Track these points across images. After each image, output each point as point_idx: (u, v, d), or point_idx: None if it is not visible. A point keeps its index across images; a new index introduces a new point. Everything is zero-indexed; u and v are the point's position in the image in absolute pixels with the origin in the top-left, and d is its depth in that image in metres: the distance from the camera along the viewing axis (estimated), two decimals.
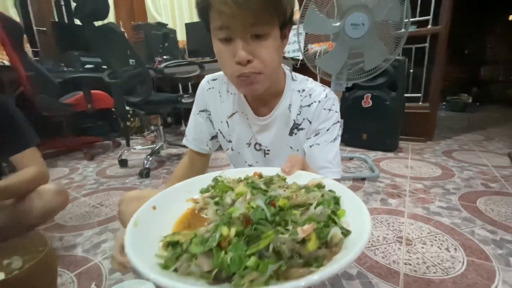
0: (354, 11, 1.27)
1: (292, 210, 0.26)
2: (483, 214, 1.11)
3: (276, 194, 0.27)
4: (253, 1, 0.41)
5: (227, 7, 0.41)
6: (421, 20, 2.16)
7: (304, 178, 0.35)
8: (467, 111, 4.23)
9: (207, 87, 0.67)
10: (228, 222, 0.24)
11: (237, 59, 0.46)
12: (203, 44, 2.76)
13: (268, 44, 0.47)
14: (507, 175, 1.52)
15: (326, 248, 0.23)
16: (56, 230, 1.11)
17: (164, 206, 0.31)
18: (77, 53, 2.59)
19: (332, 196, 0.29)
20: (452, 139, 2.44)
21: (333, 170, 0.57)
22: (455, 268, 0.80)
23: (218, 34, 0.47)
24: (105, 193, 1.47)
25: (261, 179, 0.33)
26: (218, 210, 0.28)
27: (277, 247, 0.21)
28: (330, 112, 0.59)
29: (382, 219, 1.09)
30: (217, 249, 0.22)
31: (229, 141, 0.68)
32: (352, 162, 1.86)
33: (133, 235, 0.25)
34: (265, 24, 0.46)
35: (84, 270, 0.85)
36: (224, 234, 0.22)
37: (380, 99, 2.00)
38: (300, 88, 0.62)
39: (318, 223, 0.24)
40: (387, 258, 0.86)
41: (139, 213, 0.29)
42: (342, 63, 1.38)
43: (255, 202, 0.25)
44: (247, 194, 0.27)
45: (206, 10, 0.47)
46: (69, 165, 2.06)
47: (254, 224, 0.23)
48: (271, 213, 0.24)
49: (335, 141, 0.59)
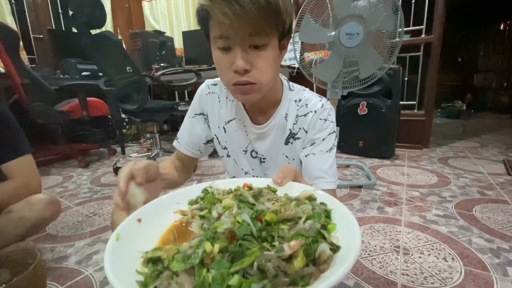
0: (348, 20, 1.28)
1: (280, 225, 0.25)
2: (479, 222, 1.10)
3: (263, 208, 0.26)
4: (251, 12, 0.41)
5: (226, 18, 0.41)
6: (414, 29, 2.20)
7: (296, 190, 0.34)
8: (462, 117, 4.29)
9: (207, 91, 0.66)
10: (213, 238, 0.23)
11: (234, 68, 0.47)
12: (200, 52, 2.78)
13: (266, 55, 0.48)
14: (503, 182, 1.52)
15: (314, 265, 0.22)
16: (47, 240, 1.08)
17: (150, 218, 0.30)
18: (73, 61, 2.59)
19: (323, 209, 0.28)
20: (448, 146, 2.46)
21: (328, 180, 0.57)
22: (453, 278, 0.79)
23: (217, 43, 0.48)
24: (99, 202, 1.45)
25: (251, 191, 0.32)
26: (203, 224, 0.27)
27: (262, 265, 0.20)
28: (326, 122, 0.59)
29: (379, 228, 1.08)
30: (199, 266, 0.21)
31: (225, 148, 0.68)
32: (349, 170, 1.86)
33: (114, 250, 0.24)
34: (264, 35, 0.46)
35: (75, 282, 0.83)
36: (208, 251, 0.21)
37: (375, 107, 2.02)
38: (297, 98, 0.62)
39: (307, 238, 0.23)
40: (385, 268, 0.85)
41: (123, 226, 0.28)
42: (337, 71, 1.39)
43: (241, 216, 0.24)
44: (233, 208, 0.26)
45: (206, 19, 0.47)
46: (62, 173, 2.03)
47: (239, 240, 0.22)
48: (257, 228, 0.23)
49: (331, 151, 0.59)
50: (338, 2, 1.30)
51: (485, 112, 4.90)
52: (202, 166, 2.08)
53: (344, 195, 1.43)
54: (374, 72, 1.38)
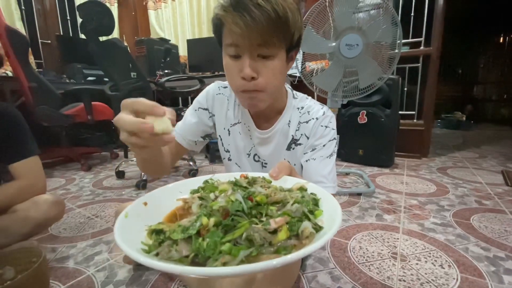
0: (348, 32, 1.33)
1: (269, 206, 0.28)
2: (476, 231, 1.11)
3: (255, 190, 0.29)
4: (262, 24, 0.44)
5: (237, 27, 0.45)
6: (413, 41, 2.25)
7: (290, 183, 0.37)
8: (461, 128, 4.32)
9: (217, 91, 0.69)
10: (209, 214, 0.26)
11: (242, 75, 0.50)
12: (203, 59, 2.84)
13: (272, 65, 0.51)
14: (500, 193, 1.54)
15: (297, 240, 0.24)
16: (50, 241, 1.10)
17: (155, 203, 0.33)
18: (80, 66, 2.65)
19: (312, 197, 0.30)
20: (447, 156, 2.48)
21: (327, 185, 0.59)
22: (449, 285, 0.80)
23: (228, 50, 0.51)
24: (101, 205, 1.47)
25: (246, 179, 0.35)
26: (201, 205, 0.29)
27: (250, 236, 0.23)
28: (327, 129, 0.62)
29: (377, 235, 1.09)
30: (196, 236, 0.24)
31: (227, 151, 0.70)
32: (348, 177, 1.88)
33: (123, 225, 0.27)
34: (272, 46, 0.49)
35: (76, 282, 0.84)
36: (204, 223, 0.24)
37: (375, 116, 2.05)
38: (300, 105, 0.65)
39: (292, 218, 0.26)
40: (382, 274, 0.86)
41: (131, 207, 0.30)
42: (337, 81, 1.43)
43: (234, 196, 0.27)
44: (228, 190, 0.29)
45: (219, 27, 0.51)
46: (65, 176, 2.05)
47: (232, 215, 0.25)
48: (248, 207, 0.26)
49: (331, 157, 0.61)
50: (338, 14, 1.35)
51: (485, 123, 4.93)
52: (202, 171, 2.10)
53: (344, 202, 1.45)
54: (373, 82, 1.41)
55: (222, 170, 2.10)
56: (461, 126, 4.35)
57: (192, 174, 1.95)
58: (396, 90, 2.01)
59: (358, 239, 1.06)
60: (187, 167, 2.15)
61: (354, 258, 0.95)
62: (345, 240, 1.06)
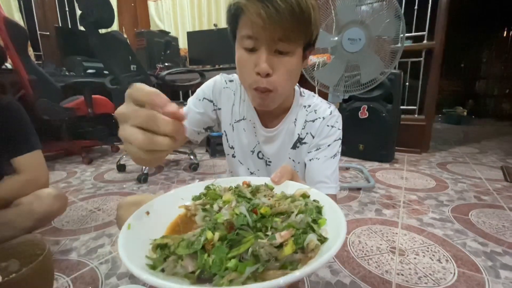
0: (351, 26, 1.31)
1: (273, 217, 0.28)
2: (475, 226, 1.13)
3: (259, 202, 0.29)
4: (285, 17, 0.42)
5: (260, 19, 0.42)
6: (417, 35, 2.23)
7: (292, 188, 0.36)
8: (462, 123, 4.31)
9: (224, 85, 0.66)
10: (213, 227, 0.26)
11: (257, 70, 0.48)
12: (204, 52, 2.81)
13: (289, 62, 0.49)
14: (499, 188, 1.55)
15: (303, 253, 0.24)
16: (53, 234, 1.11)
17: (157, 211, 0.33)
18: (79, 58, 2.63)
19: (315, 205, 0.30)
20: (447, 151, 2.48)
21: (329, 185, 0.58)
22: (446, 279, 0.82)
23: (245, 42, 0.48)
24: (103, 198, 1.48)
25: (249, 188, 0.35)
26: (206, 216, 0.29)
27: (256, 251, 0.23)
28: (333, 129, 0.61)
29: (376, 229, 1.11)
30: (201, 251, 0.24)
31: (231, 147, 0.68)
32: (349, 172, 1.89)
33: (126, 237, 0.27)
34: (291, 42, 0.47)
35: (80, 274, 0.85)
36: (209, 238, 0.24)
37: (376, 111, 2.04)
38: (307, 103, 0.64)
39: (297, 229, 0.26)
40: (380, 268, 0.87)
41: (133, 217, 0.30)
42: (339, 76, 1.42)
43: (239, 209, 0.27)
44: (232, 202, 0.29)
45: (236, 16, 0.48)
46: (66, 169, 2.06)
47: (237, 229, 0.25)
48: (252, 220, 0.26)
49: (335, 157, 0.60)
50: (341, 7, 1.33)
51: (486, 118, 4.91)
52: (203, 165, 2.11)
53: (343, 196, 1.46)
54: (375, 77, 1.40)
55: (223, 164, 2.11)
56: (462, 121, 4.34)
57: (193, 168, 1.96)
58: (398, 85, 2.00)
59: (358, 234, 1.08)
60: (188, 160, 2.15)
61: (353, 252, 0.96)
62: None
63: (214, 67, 2.70)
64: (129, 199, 0.68)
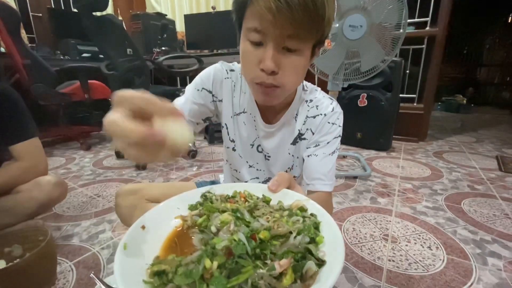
0: (353, 12, 1.28)
1: (272, 241, 0.28)
2: (466, 215, 1.16)
3: (258, 226, 0.29)
4: (297, 14, 0.39)
5: (269, 12, 0.39)
6: (419, 21, 2.18)
7: (290, 198, 0.37)
8: (461, 112, 4.31)
9: (225, 75, 0.62)
10: (212, 253, 0.26)
11: (262, 66, 0.45)
12: (202, 37, 2.75)
13: (297, 60, 0.46)
14: (493, 178, 1.57)
15: (301, 280, 0.25)
16: (54, 220, 1.13)
17: (153, 224, 0.33)
18: (74, 41, 2.56)
19: (313, 221, 0.31)
20: (444, 140, 2.50)
21: (326, 182, 0.59)
22: (435, 265, 0.85)
23: (251, 35, 0.45)
24: (102, 185, 1.50)
25: (246, 204, 0.34)
26: (203, 239, 0.29)
27: (255, 282, 0.23)
28: (333, 126, 0.60)
29: (371, 217, 1.14)
30: (200, 281, 0.24)
31: (232, 141, 0.67)
32: (345, 160, 1.91)
33: (122, 261, 0.26)
34: (301, 40, 0.44)
35: (83, 259, 0.88)
36: (207, 267, 0.24)
37: (375, 99, 2.03)
38: (309, 98, 0.62)
39: (296, 254, 0.26)
40: (373, 254, 0.90)
41: (129, 235, 0.30)
42: (339, 63, 1.40)
43: (238, 235, 0.27)
44: (230, 224, 0.29)
45: (244, 5, 0.45)
46: (65, 155, 2.07)
47: (236, 257, 0.25)
48: (251, 247, 0.26)
49: (333, 154, 0.60)
50: None
51: (485, 107, 4.90)
52: (201, 152, 2.12)
53: (340, 185, 1.48)
54: (376, 65, 1.39)
55: (221, 151, 2.12)
56: (461, 110, 4.34)
57: (191, 155, 1.97)
58: (398, 73, 1.98)
59: (352, 221, 1.11)
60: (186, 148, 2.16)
61: (347, 239, 0.99)
62: (340, 222, 1.10)
63: (212, 52, 2.64)
64: (127, 187, 0.68)
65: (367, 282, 0.79)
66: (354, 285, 0.78)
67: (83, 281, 0.79)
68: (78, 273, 0.82)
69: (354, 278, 0.80)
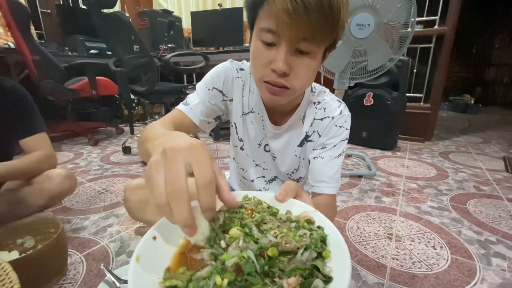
0: (360, 11, 1.28)
1: (280, 257, 0.29)
2: (471, 215, 1.16)
3: (266, 241, 0.30)
4: (314, 16, 0.39)
5: (286, 14, 0.39)
6: (428, 20, 2.15)
7: (297, 208, 0.37)
8: (469, 112, 4.26)
9: (235, 74, 0.62)
10: (221, 269, 0.27)
11: (274, 67, 0.45)
12: (208, 34, 2.75)
13: (309, 62, 0.46)
14: (499, 179, 1.56)
15: None
16: (64, 213, 1.16)
17: (164, 235, 0.33)
18: (82, 38, 2.60)
19: (320, 235, 0.31)
20: (451, 140, 2.48)
21: (331, 185, 0.59)
22: (439, 264, 0.86)
23: (264, 35, 0.45)
24: (110, 180, 1.52)
25: (253, 218, 0.35)
26: (212, 253, 0.30)
27: None
28: (341, 129, 0.60)
29: (375, 216, 1.14)
30: None
31: (240, 140, 0.68)
32: (351, 159, 1.91)
33: (136, 274, 0.27)
34: (315, 42, 0.44)
35: (92, 251, 0.90)
36: (218, 284, 0.25)
37: (381, 98, 2.02)
38: (317, 100, 0.62)
39: (303, 270, 0.27)
40: (376, 252, 0.91)
41: (141, 247, 0.31)
42: (345, 62, 1.40)
43: (247, 253, 0.28)
44: (239, 240, 0.30)
45: (258, 5, 0.44)
46: (73, 150, 2.10)
47: (245, 274, 0.26)
48: (260, 265, 0.27)
49: (339, 157, 0.60)
50: None
51: (493, 107, 4.83)
52: None
53: (344, 183, 1.49)
54: (383, 64, 1.38)
55: (226, 148, 2.14)
56: (469, 110, 4.28)
57: None
58: (405, 72, 1.96)
59: (356, 220, 1.11)
60: None
61: (351, 237, 1.00)
62: (344, 220, 1.11)
63: (218, 50, 2.65)
64: (136, 182, 0.70)
65: (371, 280, 0.79)
66: (358, 282, 0.79)
67: (93, 272, 0.81)
68: (88, 264, 0.84)
69: (358, 275, 0.81)
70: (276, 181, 0.72)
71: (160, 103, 2.08)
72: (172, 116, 0.59)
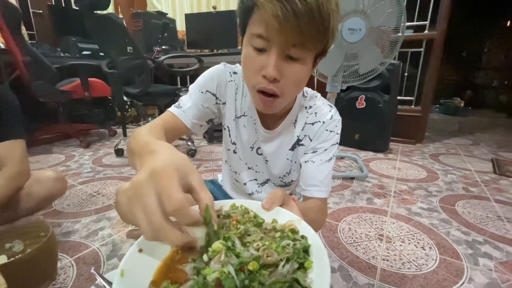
0: (352, 16, 1.30)
1: (261, 271, 0.29)
2: (460, 216, 1.18)
3: (248, 255, 0.30)
4: (303, 23, 0.39)
5: (276, 20, 0.39)
6: (418, 24, 2.20)
7: (283, 217, 0.38)
8: (459, 114, 4.35)
9: (229, 78, 0.62)
10: (203, 283, 0.28)
11: (264, 73, 0.45)
12: (202, 36, 2.76)
13: (299, 69, 0.47)
14: (487, 180, 1.60)
15: None
16: (54, 216, 1.14)
17: (150, 247, 0.33)
18: (74, 39, 2.57)
19: (303, 245, 0.32)
20: (441, 142, 2.53)
21: (321, 189, 0.60)
22: (428, 265, 0.87)
23: (255, 41, 0.45)
24: (102, 182, 1.51)
25: (238, 230, 0.35)
26: (195, 267, 0.31)
27: None
28: (331, 134, 0.61)
29: (366, 218, 1.16)
30: None
31: (233, 143, 0.68)
32: (343, 161, 1.93)
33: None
34: (305, 49, 0.44)
35: (83, 255, 0.90)
36: None
37: (373, 101, 2.06)
38: (308, 105, 0.63)
39: (283, 283, 0.28)
40: (367, 253, 0.92)
41: (126, 261, 0.31)
42: (338, 66, 1.42)
43: (227, 268, 0.28)
44: (221, 255, 0.30)
45: (250, 10, 0.45)
46: (64, 152, 2.07)
47: None
48: (240, 280, 0.28)
49: (330, 161, 0.61)
50: None
51: (483, 110, 4.95)
52: (200, 151, 2.13)
53: (337, 185, 1.50)
54: (374, 67, 1.41)
55: (220, 150, 2.14)
56: (459, 112, 4.38)
57: (190, 154, 1.98)
58: (396, 75, 2.00)
59: (348, 221, 1.13)
60: (186, 147, 2.17)
61: (343, 238, 1.01)
62: (336, 221, 1.12)
63: (212, 52, 2.66)
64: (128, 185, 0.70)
65: (361, 280, 0.81)
66: (349, 283, 0.80)
67: (84, 276, 0.80)
68: (79, 268, 0.83)
69: (348, 276, 0.82)
70: (268, 184, 0.73)
71: (153, 105, 2.07)
72: (163, 120, 0.59)
